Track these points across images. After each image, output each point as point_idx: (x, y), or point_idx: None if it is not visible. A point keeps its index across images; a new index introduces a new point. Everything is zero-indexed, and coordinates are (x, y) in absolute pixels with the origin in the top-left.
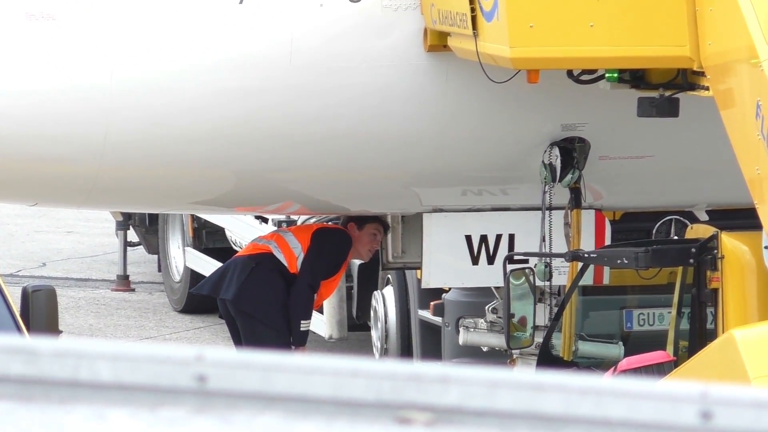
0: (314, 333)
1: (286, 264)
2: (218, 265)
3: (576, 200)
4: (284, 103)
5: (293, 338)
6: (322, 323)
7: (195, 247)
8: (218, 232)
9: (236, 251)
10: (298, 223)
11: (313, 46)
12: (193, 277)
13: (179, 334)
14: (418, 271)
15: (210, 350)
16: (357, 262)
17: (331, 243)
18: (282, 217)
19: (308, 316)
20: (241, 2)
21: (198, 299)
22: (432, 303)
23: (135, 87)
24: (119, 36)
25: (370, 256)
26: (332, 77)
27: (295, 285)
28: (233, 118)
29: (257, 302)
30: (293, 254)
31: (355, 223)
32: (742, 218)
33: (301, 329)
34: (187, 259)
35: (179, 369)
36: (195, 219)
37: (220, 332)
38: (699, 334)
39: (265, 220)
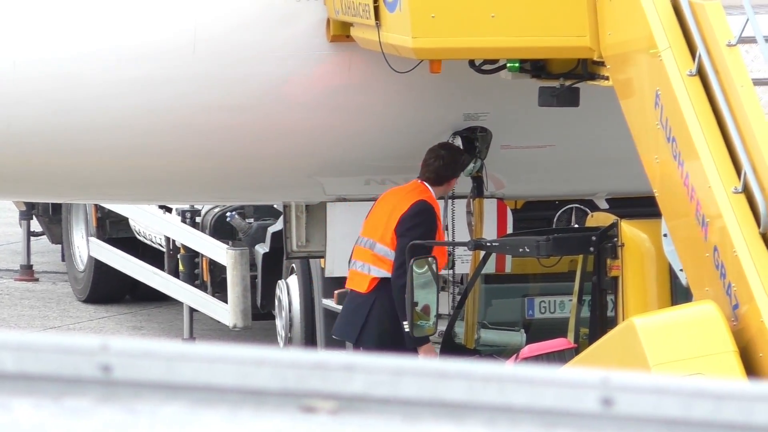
0: (218, 322)
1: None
2: (122, 255)
3: (478, 189)
4: (188, 92)
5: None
6: (226, 312)
7: (99, 237)
8: (122, 221)
9: (140, 241)
10: (202, 212)
11: (217, 35)
12: (97, 266)
13: (83, 324)
14: (322, 260)
15: (114, 340)
16: (260, 251)
17: (417, 227)
18: (186, 207)
19: (403, 316)
20: None
21: (103, 288)
22: (336, 292)
23: (37, 76)
24: (21, 24)
25: None
26: (236, 67)
27: None
28: (136, 107)
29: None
30: (391, 262)
31: (437, 184)
32: (641, 206)
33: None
34: (90, 248)
35: (84, 359)
36: (99, 209)
37: (124, 322)
38: (600, 321)
39: (169, 210)
